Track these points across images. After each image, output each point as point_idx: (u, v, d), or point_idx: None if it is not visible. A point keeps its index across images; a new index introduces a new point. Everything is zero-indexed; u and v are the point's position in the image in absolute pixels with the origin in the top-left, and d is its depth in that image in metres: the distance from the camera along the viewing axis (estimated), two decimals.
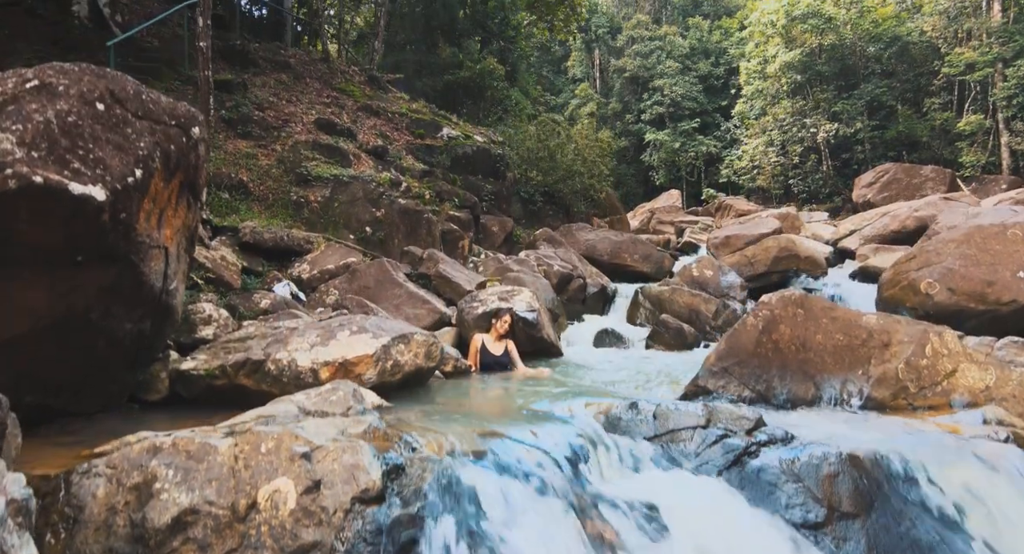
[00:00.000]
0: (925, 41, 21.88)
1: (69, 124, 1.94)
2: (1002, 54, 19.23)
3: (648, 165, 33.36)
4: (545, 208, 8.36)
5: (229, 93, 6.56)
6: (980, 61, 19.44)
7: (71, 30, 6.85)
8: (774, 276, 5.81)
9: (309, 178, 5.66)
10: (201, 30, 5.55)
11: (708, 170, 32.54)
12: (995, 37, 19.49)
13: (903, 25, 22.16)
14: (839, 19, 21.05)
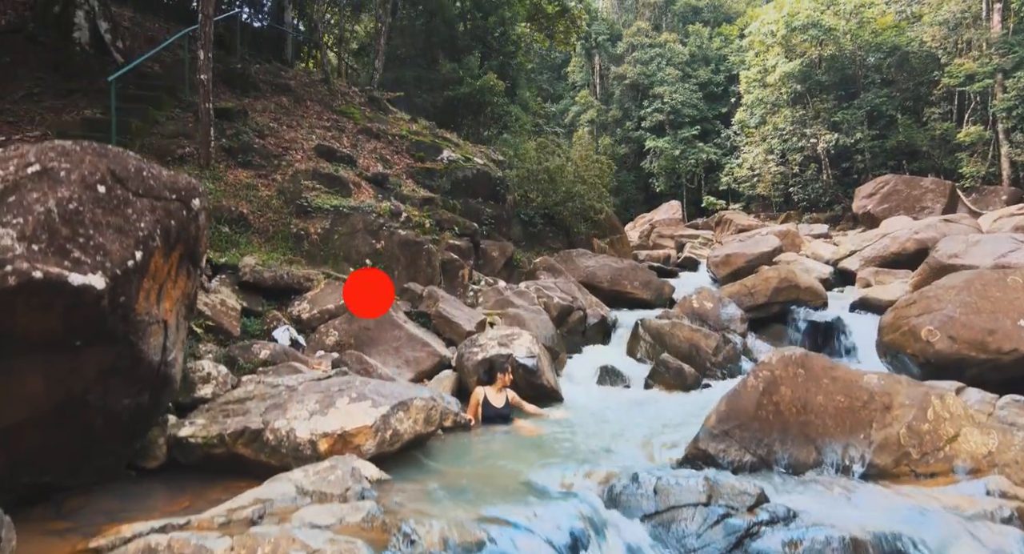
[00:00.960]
0: (925, 51, 21.92)
1: (70, 212, 1.94)
2: (1002, 65, 19.27)
3: (648, 172, 33.41)
4: (545, 230, 8.36)
5: (230, 121, 6.57)
6: (980, 72, 19.48)
7: (72, 56, 6.86)
8: (774, 307, 5.81)
9: (309, 209, 5.66)
10: (202, 63, 5.56)
11: (708, 177, 32.58)
12: (995, 48, 19.53)
13: (903, 35, 22.21)
14: (839, 30, 21.09)
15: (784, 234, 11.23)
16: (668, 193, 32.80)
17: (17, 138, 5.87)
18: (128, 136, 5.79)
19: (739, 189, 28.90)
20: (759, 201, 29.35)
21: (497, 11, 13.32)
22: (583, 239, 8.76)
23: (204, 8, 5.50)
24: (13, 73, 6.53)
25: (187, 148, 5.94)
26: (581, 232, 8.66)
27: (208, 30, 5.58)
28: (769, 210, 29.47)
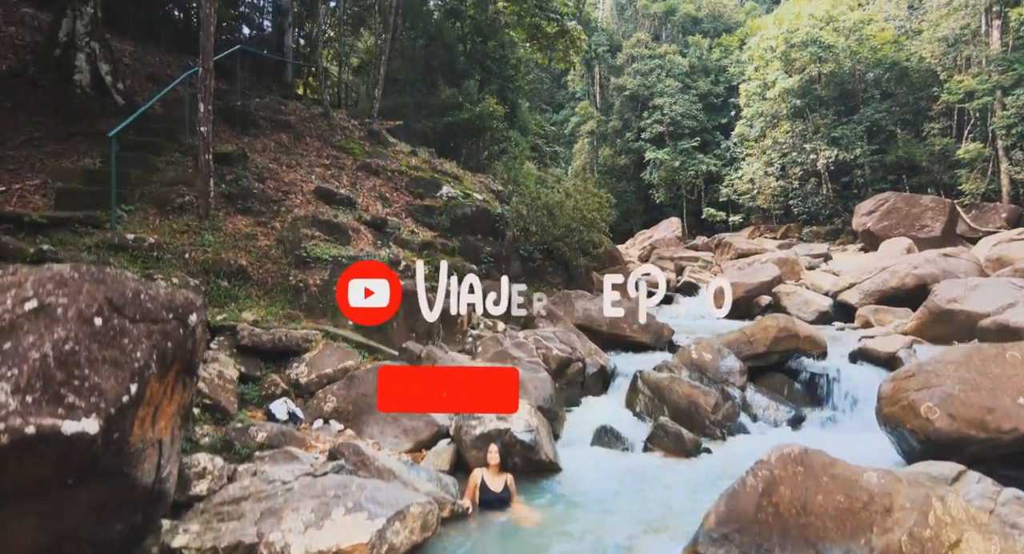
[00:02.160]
0: (924, 66, 21.98)
1: (66, 353, 1.94)
2: (1001, 82, 19.30)
3: (648, 183, 33.44)
4: (544, 265, 8.36)
5: (230, 165, 6.57)
6: (979, 89, 19.52)
7: (72, 99, 6.88)
8: (774, 356, 5.79)
9: (308, 260, 5.66)
10: (202, 115, 5.56)
11: (708, 188, 32.61)
12: (994, 65, 19.57)
13: (902, 50, 22.27)
14: (838, 47, 21.14)
15: (783, 262, 11.23)
16: (668, 204, 32.86)
17: (17, 188, 5.90)
18: (128, 187, 5.80)
19: (739, 201, 28.93)
20: (759, 213, 29.37)
21: (496, 35, 13.38)
22: (582, 272, 8.75)
23: (204, 62, 5.52)
24: (14, 118, 6.54)
25: (187, 196, 5.94)
26: (580, 265, 8.66)
27: (208, 83, 5.59)
28: (769, 222, 29.50)
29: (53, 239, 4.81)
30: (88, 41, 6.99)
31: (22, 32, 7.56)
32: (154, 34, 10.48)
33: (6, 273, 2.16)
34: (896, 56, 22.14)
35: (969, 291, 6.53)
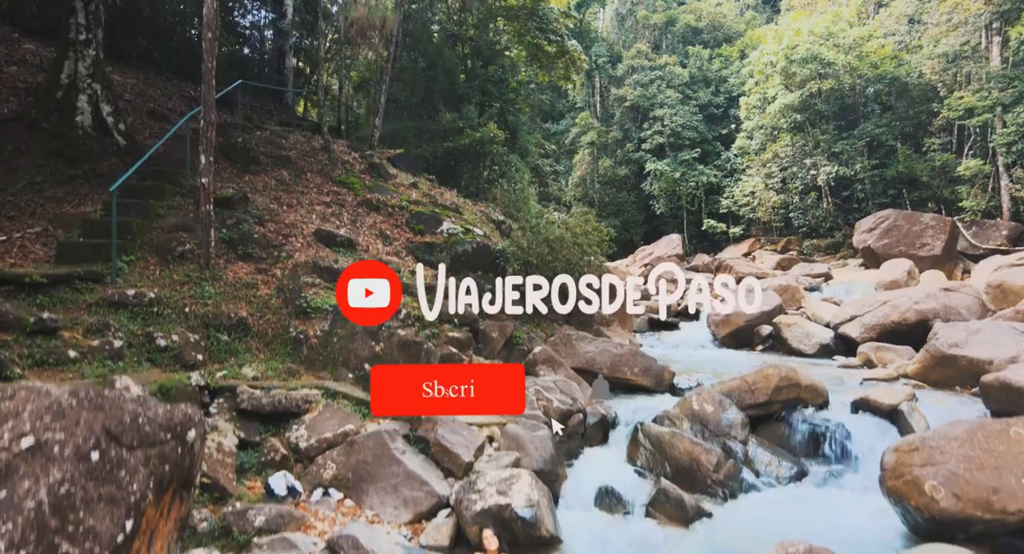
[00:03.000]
0: (924, 82, 22.01)
1: (61, 497, 1.92)
2: (1001, 99, 19.32)
3: (648, 194, 33.47)
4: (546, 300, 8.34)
5: (230, 209, 6.57)
6: (979, 106, 19.54)
7: (74, 141, 6.90)
8: (775, 406, 5.76)
9: (308, 310, 5.65)
10: (203, 167, 5.57)
11: (708, 199, 32.62)
12: (994, 81, 19.59)
13: (901, 66, 22.30)
14: (838, 64, 21.17)
15: (784, 289, 11.22)
16: (668, 215, 32.88)
17: (18, 236, 5.90)
18: (129, 236, 5.80)
19: (739, 213, 28.93)
20: (759, 225, 29.38)
21: (497, 59, 13.42)
22: None
23: (206, 114, 5.52)
24: (15, 162, 6.56)
25: (187, 245, 5.94)
26: None
27: (210, 135, 5.60)
28: (769, 234, 29.49)
29: (54, 297, 4.81)
30: (90, 82, 7.02)
31: (24, 72, 7.59)
32: (155, 61, 10.54)
33: (4, 396, 2.15)
34: (896, 71, 22.17)
35: (971, 335, 6.51)
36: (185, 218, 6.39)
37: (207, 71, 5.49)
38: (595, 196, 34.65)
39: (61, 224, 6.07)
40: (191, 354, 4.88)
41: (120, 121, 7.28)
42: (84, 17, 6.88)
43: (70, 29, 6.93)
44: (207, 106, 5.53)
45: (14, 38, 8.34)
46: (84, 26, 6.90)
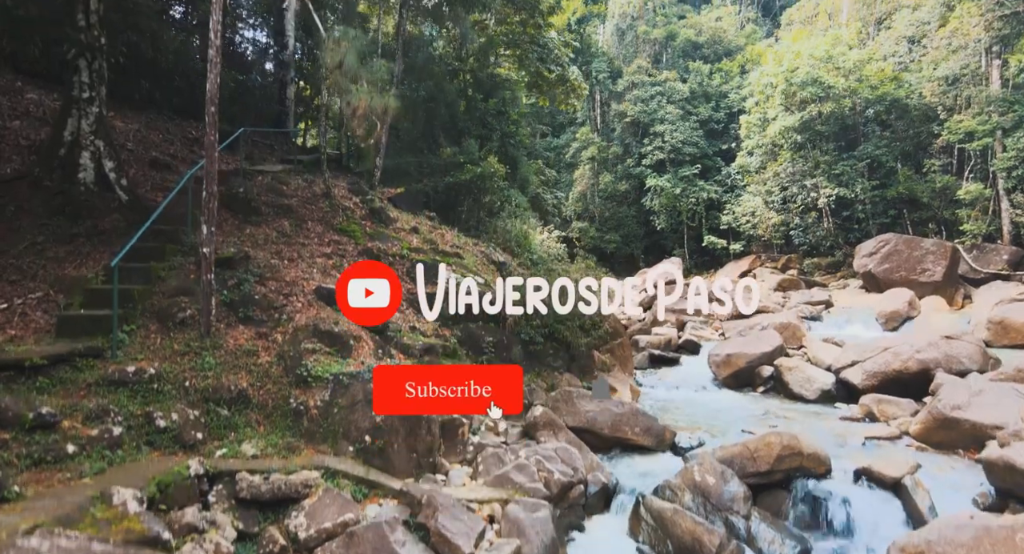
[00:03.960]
0: (924, 104, 22.08)
1: None
2: (1001, 124, 19.37)
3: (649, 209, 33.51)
4: (546, 348, 8.34)
5: (231, 269, 6.58)
6: (979, 130, 19.59)
7: (76, 198, 6.91)
8: (777, 475, 5.74)
9: (309, 378, 5.64)
10: (205, 236, 5.58)
11: (709, 214, 32.67)
12: (994, 105, 19.64)
13: (902, 88, 22.37)
14: (838, 88, 21.24)
15: (784, 327, 11.21)
16: (669, 230, 32.92)
17: (19, 303, 5.91)
18: (130, 304, 5.81)
19: (739, 229, 28.95)
20: (759, 242, 29.40)
21: (497, 92, 13.48)
22: (583, 353, 8.73)
23: (208, 186, 5.54)
24: (17, 222, 6.58)
25: (188, 310, 5.94)
26: (581, 345, 8.64)
27: (212, 206, 5.61)
28: (770, 251, 29.51)
29: (53, 378, 4.81)
30: (93, 139, 7.05)
31: (27, 128, 7.62)
32: (157, 102, 10.59)
33: None
34: (896, 93, 22.25)
35: (973, 397, 6.49)
36: (186, 279, 6.40)
37: (209, 144, 5.50)
38: (595, 211, 34.72)
39: (63, 288, 6.08)
40: (190, 433, 4.87)
41: (122, 176, 7.30)
42: (88, 75, 6.92)
43: (73, 87, 6.96)
44: (210, 178, 5.54)
45: (17, 87, 8.38)
46: (88, 84, 6.93)
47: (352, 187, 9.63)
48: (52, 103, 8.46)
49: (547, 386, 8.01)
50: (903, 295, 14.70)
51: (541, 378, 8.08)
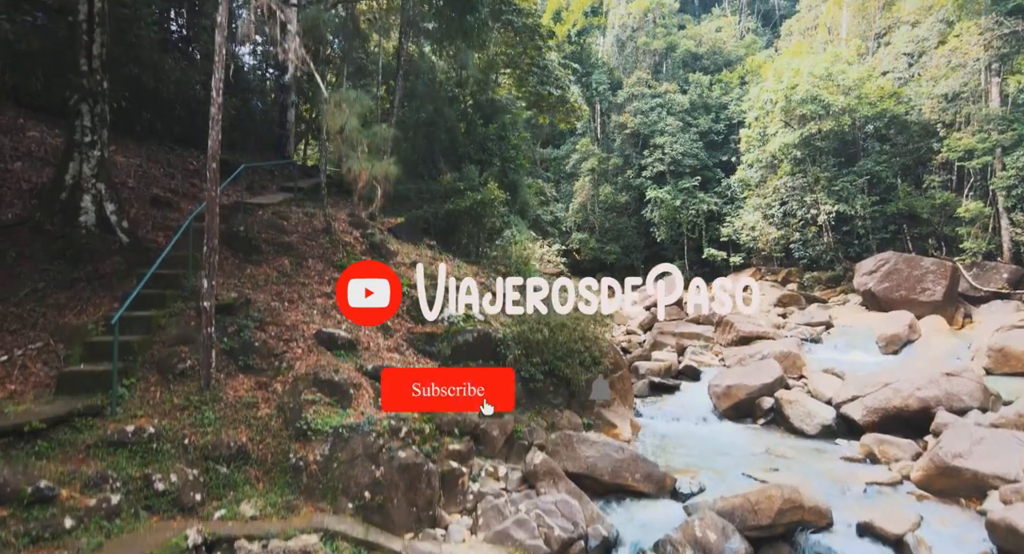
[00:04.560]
0: (924, 120, 22.11)
1: None
2: (1001, 142, 19.39)
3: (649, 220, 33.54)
4: (546, 385, 8.31)
5: (232, 315, 6.58)
6: (979, 148, 19.60)
7: (77, 241, 6.93)
8: (778, 529, 5.71)
9: (308, 432, 5.62)
10: (205, 291, 5.58)
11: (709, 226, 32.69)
12: (994, 124, 19.67)
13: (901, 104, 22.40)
14: (837, 106, 21.28)
15: (784, 356, 11.19)
16: (669, 241, 32.93)
17: (20, 354, 5.90)
18: (130, 357, 5.81)
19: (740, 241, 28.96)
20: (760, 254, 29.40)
21: (497, 117, 13.51)
22: (584, 391, 8.71)
23: (209, 241, 5.55)
24: (18, 268, 6.59)
25: (188, 361, 5.94)
26: (582, 382, 8.62)
27: (213, 260, 5.62)
28: (770, 264, 29.50)
29: (52, 441, 4.81)
30: (94, 182, 7.06)
31: (28, 170, 7.64)
32: (158, 132, 10.62)
33: None
34: (895, 109, 22.28)
35: (974, 445, 6.47)
36: (186, 327, 6.40)
37: (210, 200, 5.52)
38: (596, 222, 34.75)
39: (63, 337, 6.08)
40: (189, 495, 4.86)
41: (123, 218, 7.31)
42: (90, 119, 6.94)
43: (75, 131, 6.99)
44: (211, 234, 5.55)
45: (19, 125, 8.41)
46: (90, 128, 6.95)
47: (352, 219, 9.63)
48: (54, 140, 8.48)
49: (547, 424, 7.98)
50: (903, 318, 14.69)
51: (541, 416, 8.05)
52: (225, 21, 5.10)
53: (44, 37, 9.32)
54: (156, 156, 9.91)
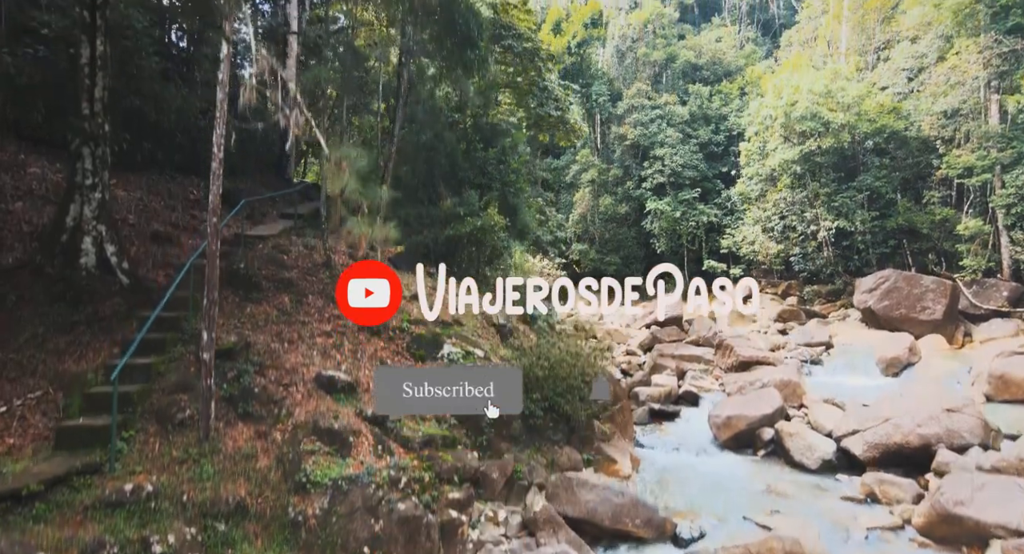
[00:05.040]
0: (923, 136, 22.15)
1: None
2: (1000, 159, 19.42)
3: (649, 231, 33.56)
4: (546, 421, 8.30)
5: (231, 361, 6.57)
6: (978, 165, 19.63)
7: (76, 283, 6.91)
8: None
9: (307, 485, 5.60)
10: (205, 342, 5.58)
11: (709, 237, 32.72)
12: (993, 141, 19.71)
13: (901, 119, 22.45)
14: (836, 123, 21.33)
15: (784, 384, 11.18)
16: (669, 253, 32.94)
17: (19, 404, 5.89)
18: (130, 408, 5.80)
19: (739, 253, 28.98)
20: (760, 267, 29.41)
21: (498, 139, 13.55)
22: (584, 422, 8.70)
23: (209, 293, 5.55)
24: (18, 312, 6.58)
25: (187, 410, 5.93)
26: (581, 417, 8.61)
27: (212, 313, 5.62)
28: (770, 276, 29.50)
29: (50, 503, 4.78)
30: (95, 224, 7.06)
31: (29, 210, 7.64)
32: (159, 161, 10.63)
33: None
34: (895, 125, 22.34)
35: (976, 492, 6.45)
36: (186, 372, 6.38)
37: (211, 254, 5.52)
38: (596, 232, 34.79)
39: (62, 385, 6.07)
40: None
41: (123, 259, 7.31)
42: (91, 162, 6.95)
43: (76, 173, 6.99)
44: (211, 285, 5.55)
45: (19, 161, 8.41)
46: (91, 171, 6.96)
47: (352, 252, 9.62)
48: (55, 175, 8.49)
49: (547, 462, 7.97)
50: (903, 340, 14.68)
51: (541, 453, 8.04)
52: (226, 78, 5.12)
53: (45, 69, 9.34)
54: (157, 187, 9.92)
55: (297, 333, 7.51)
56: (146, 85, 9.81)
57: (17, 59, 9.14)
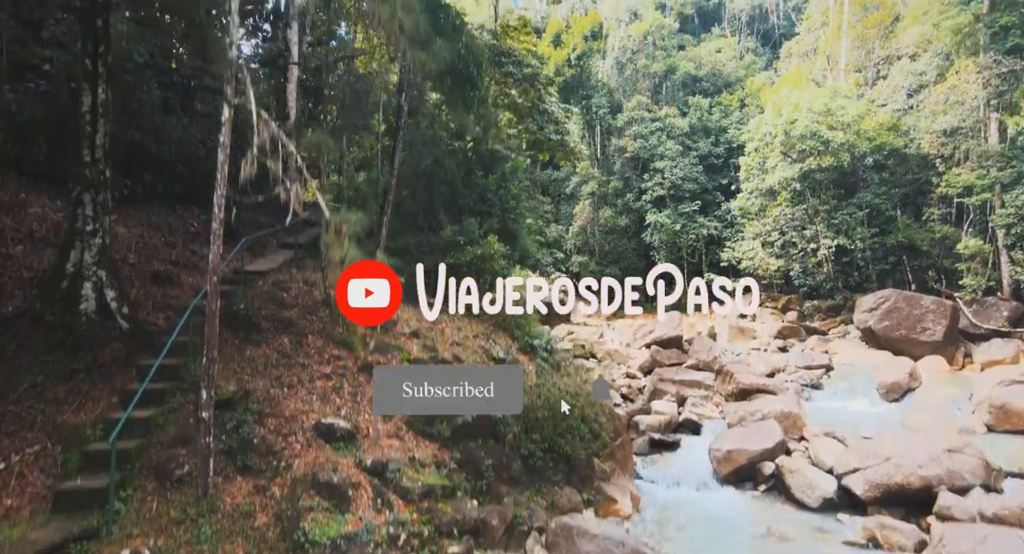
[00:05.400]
0: (923, 153, 22.19)
1: None
2: (1000, 179, 19.46)
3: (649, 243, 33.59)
4: (546, 461, 8.28)
5: (230, 411, 6.55)
6: (978, 184, 19.66)
7: (76, 329, 6.90)
8: None
9: (306, 544, 5.57)
10: (204, 401, 5.57)
11: (709, 249, 32.74)
12: (993, 160, 19.75)
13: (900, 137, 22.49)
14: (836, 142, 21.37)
15: (785, 416, 11.16)
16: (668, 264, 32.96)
17: (16, 460, 5.87)
18: (128, 465, 5.78)
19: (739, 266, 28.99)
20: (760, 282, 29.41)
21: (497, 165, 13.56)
22: (584, 461, 8.68)
23: (208, 351, 5.54)
24: (17, 361, 6.56)
25: (186, 466, 5.91)
26: (582, 457, 8.58)
27: (212, 371, 5.61)
28: (770, 291, 29.52)
29: None
30: (95, 270, 7.06)
31: (29, 254, 7.64)
32: (159, 193, 10.63)
33: None
34: (894, 142, 22.38)
35: (977, 545, 6.43)
36: (185, 424, 6.37)
37: (210, 314, 5.52)
38: (596, 244, 34.82)
39: (61, 438, 6.05)
40: None
41: (123, 304, 7.30)
42: (92, 208, 6.95)
43: (77, 219, 6.99)
44: (210, 346, 5.54)
45: (21, 200, 8.41)
46: (92, 217, 6.96)
47: None
48: (55, 215, 8.49)
49: (547, 504, 7.94)
50: (904, 365, 14.66)
51: (541, 495, 8.01)
52: (228, 141, 5.12)
53: (47, 105, 9.36)
54: (157, 221, 9.91)
55: (297, 377, 7.50)
56: (147, 119, 9.83)
57: (19, 95, 9.15)
